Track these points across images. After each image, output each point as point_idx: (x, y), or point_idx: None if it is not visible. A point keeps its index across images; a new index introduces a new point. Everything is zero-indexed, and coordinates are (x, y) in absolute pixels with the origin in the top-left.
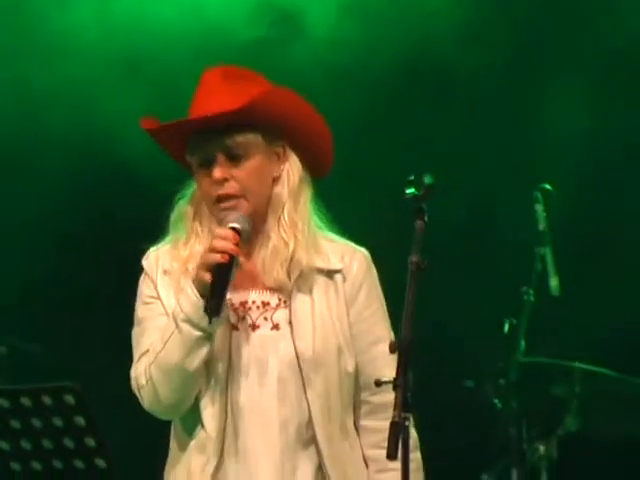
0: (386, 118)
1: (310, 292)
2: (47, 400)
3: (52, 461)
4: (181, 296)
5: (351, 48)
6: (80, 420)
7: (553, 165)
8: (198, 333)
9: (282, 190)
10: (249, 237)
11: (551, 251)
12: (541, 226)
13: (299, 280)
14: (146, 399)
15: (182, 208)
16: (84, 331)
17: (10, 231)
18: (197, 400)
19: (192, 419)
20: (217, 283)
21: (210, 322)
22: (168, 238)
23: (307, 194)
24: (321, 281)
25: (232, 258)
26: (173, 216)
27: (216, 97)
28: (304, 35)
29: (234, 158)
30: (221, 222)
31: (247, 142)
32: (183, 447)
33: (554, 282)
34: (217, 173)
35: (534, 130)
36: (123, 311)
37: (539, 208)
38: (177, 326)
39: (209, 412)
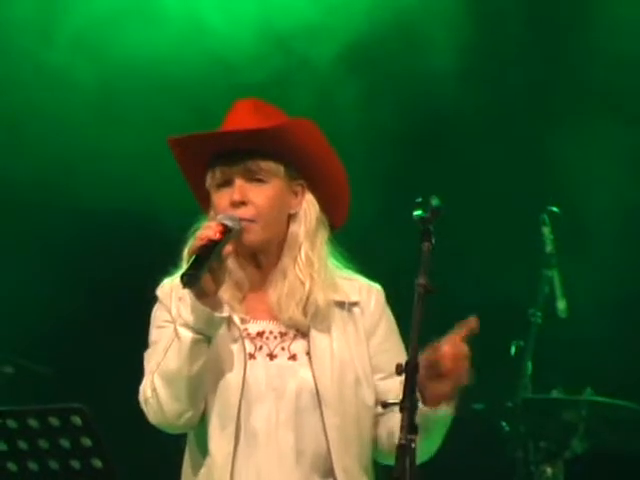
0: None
1: (328, 325)
2: (54, 421)
3: None
4: (180, 304)
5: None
6: (87, 441)
7: (560, 188)
8: (195, 336)
9: (299, 230)
10: (238, 236)
11: (558, 273)
12: (548, 248)
13: (317, 316)
14: (151, 411)
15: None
16: (92, 353)
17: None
18: (206, 428)
19: (201, 447)
20: (197, 260)
21: (186, 286)
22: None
23: (324, 235)
24: (339, 314)
25: (214, 244)
26: (186, 249)
27: (246, 121)
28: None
29: (254, 183)
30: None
31: (269, 169)
32: (192, 474)
33: (561, 304)
34: (236, 195)
35: (542, 153)
36: (131, 336)
37: (546, 230)
38: (176, 333)
39: (217, 438)
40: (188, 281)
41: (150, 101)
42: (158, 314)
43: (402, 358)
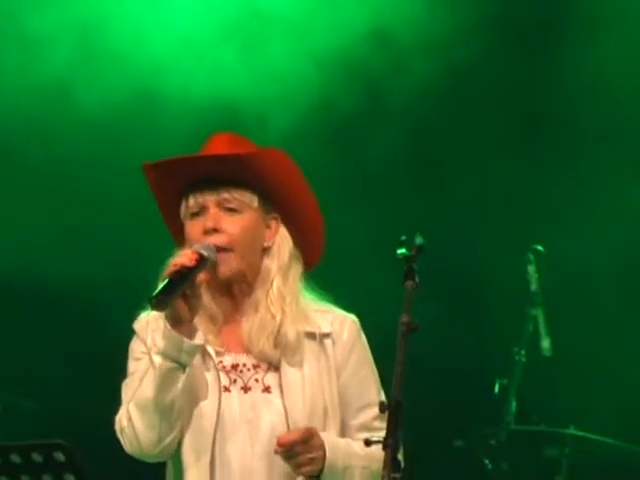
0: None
1: (300, 357)
2: (37, 457)
3: None
4: (155, 333)
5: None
6: (70, 477)
7: (545, 227)
8: (169, 364)
9: (272, 265)
10: (213, 267)
11: (543, 312)
12: (533, 287)
13: (287, 349)
14: (127, 441)
15: None
16: (78, 388)
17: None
18: (181, 459)
19: (178, 476)
20: (169, 284)
21: (154, 308)
22: None
23: (297, 270)
24: (310, 346)
25: (187, 270)
26: (161, 280)
27: (220, 150)
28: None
29: (228, 212)
30: None
31: (243, 199)
32: None
33: (546, 343)
34: (209, 222)
35: (526, 193)
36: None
37: (531, 269)
38: (151, 361)
39: (193, 470)
40: (157, 304)
41: None
42: (135, 347)
43: (374, 390)
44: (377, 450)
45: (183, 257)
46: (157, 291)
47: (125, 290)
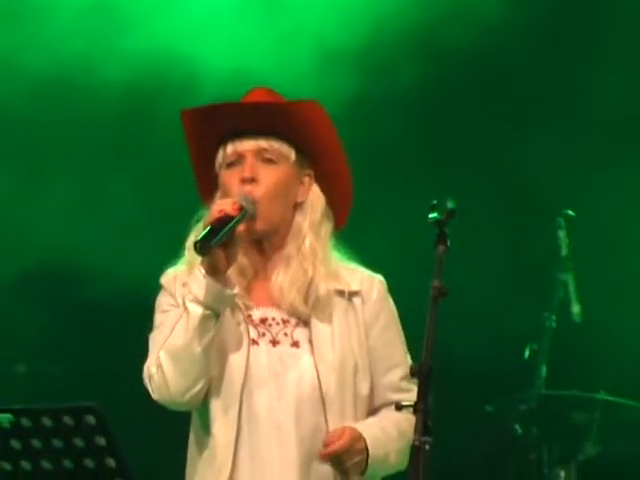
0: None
1: (329, 313)
2: (68, 420)
3: None
4: (191, 280)
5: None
6: (101, 440)
7: (576, 191)
8: (205, 311)
9: (304, 221)
10: (252, 219)
11: (573, 277)
12: (563, 252)
13: (317, 304)
14: (155, 387)
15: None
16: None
17: None
18: (209, 411)
19: (204, 431)
20: (211, 230)
21: (199, 253)
22: (183, 260)
23: (328, 228)
24: (340, 303)
25: (229, 218)
26: (189, 239)
27: (261, 100)
28: None
29: (265, 162)
30: None
31: (281, 150)
32: (197, 460)
33: (576, 308)
34: (247, 172)
35: (557, 154)
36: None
37: (561, 234)
38: (185, 308)
39: (220, 422)
40: (201, 248)
41: None
42: (162, 300)
43: (401, 351)
44: (408, 427)
45: (226, 205)
46: (201, 236)
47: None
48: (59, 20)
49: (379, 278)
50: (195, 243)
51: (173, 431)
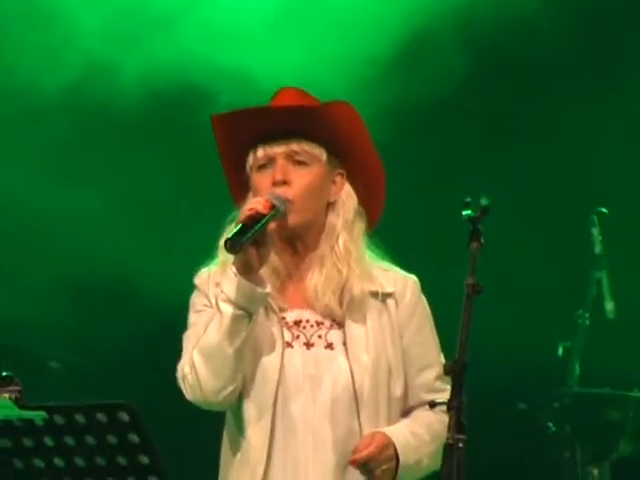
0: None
1: (363, 316)
2: (101, 417)
3: (105, 478)
4: (223, 279)
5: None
6: (134, 438)
7: (610, 188)
8: (237, 311)
9: (337, 221)
10: (283, 218)
11: (607, 274)
12: (597, 249)
13: (352, 304)
14: (189, 388)
15: None
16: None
17: None
18: (243, 413)
19: (238, 432)
20: (243, 228)
21: (229, 250)
22: (217, 260)
23: (361, 226)
24: (374, 305)
25: (261, 216)
26: (222, 239)
27: (290, 102)
28: None
29: (296, 164)
30: None
31: (312, 152)
32: (231, 461)
33: (610, 306)
34: (278, 174)
35: (591, 152)
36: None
37: (595, 231)
38: (218, 308)
39: (254, 424)
40: (232, 245)
41: None
42: (197, 300)
43: (435, 351)
44: (441, 429)
45: (257, 203)
46: (232, 233)
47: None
48: (87, 22)
49: (413, 278)
50: (226, 241)
51: (207, 430)
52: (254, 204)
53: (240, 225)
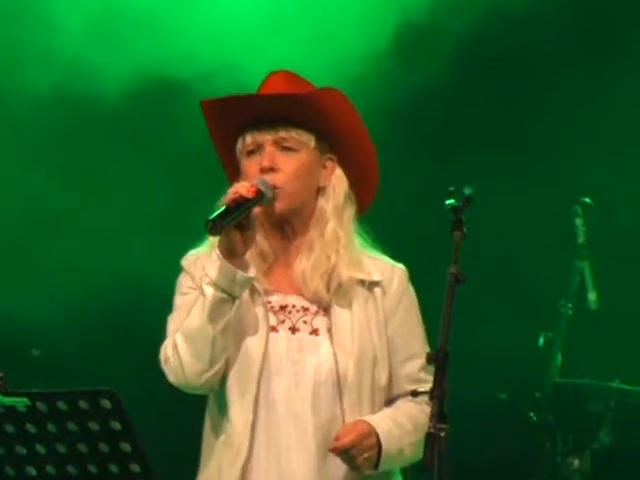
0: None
1: (349, 303)
2: (83, 404)
3: (87, 465)
4: (208, 263)
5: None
6: (116, 425)
7: (593, 178)
8: (220, 294)
9: (327, 205)
10: (269, 204)
11: (590, 265)
12: (580, 239)
13: (339, 291)
14: (171, 370)
15: None
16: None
17: None
18: (226, 396)
19: (221, 415)
20: (225, 210)
21: (209, 232)
22: (206, 243)
23: (351, 212)
24: (361, 293)
25: (245, 200)
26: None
27: (279, 89)
28: None
29: (284, 151)
30: None
31: (300, 139)
32: (213, 444)
33: (592, 296)
34: (265, 161)
35: (574, 142)
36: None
37: (578, 221)
38: (201, 291)
39: (237, 406)
40: (212, 227)
41: None
42: (183, 282)
43: (421, 340)
44: (424, 420)
45: (242, 187)
46: (213, 215)
47: None
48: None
49: (401, 267)
50: (206, 222)
51: (188, 414)
52: (239, 188)
53: (223, 207)
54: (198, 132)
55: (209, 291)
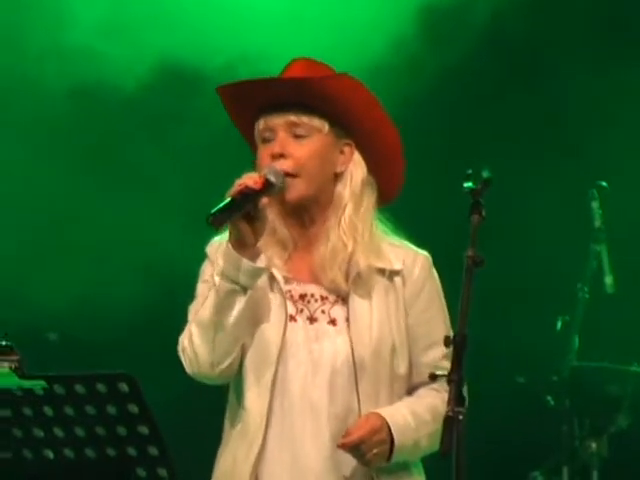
0: (443, 113)
1: (369, 292)
2: (101, 388)
3: (105, 448)
4: (220, 254)
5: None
6: (134, 408)
7: (610, 162)
8: (229, 285)
9: (344, 191)
10: (280, 193)
11: (606, 248)
12: (597, 223)
13: (358, 280)
14: (187, 361)
15: None
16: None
17: None
18: (243, 386)
19: (238, 404)
20: (230, 203)
21: (210, 226)
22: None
23: (370, 198)
24: (381, 282)
25: (251, 192)
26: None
27: (296, 74)
28: None
29: (296, 137)
30: None
31: (311, 124)
32: (230, 432)
33: (609, 280)
34: (276, 148)
35: (590, 126)
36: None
37: (595, 205)
38: (214, 282)
39: (253, 395)
40: (213, 220)
41: None
42: (205, 269)
43: (443, 328)
44: (444, 407)
45: (249, 179)
46: (216, 208)
47: None
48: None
49: (423, 254)
50: (207, 215)
51: (209, 402)
52: (246, 179)
53: (228, 199)
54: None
55: (220, 282)
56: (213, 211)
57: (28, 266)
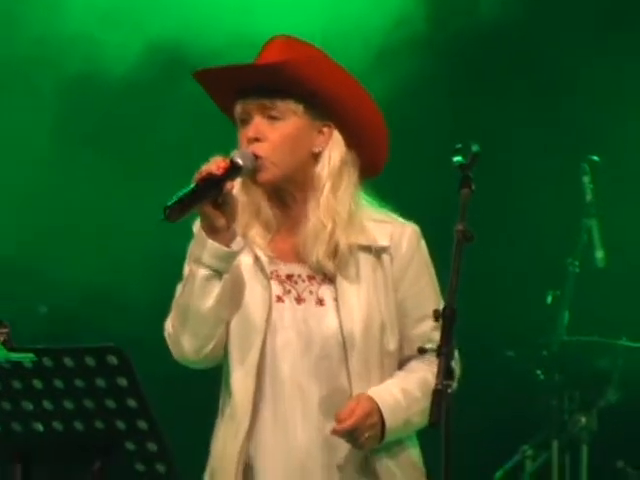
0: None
1: (356, 271)
2: (90, 361)
3: (94, 421)
4: (194, 238)
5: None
6: (123, 381)
7: (601, 136)
8: (204, 271)
9: (322, 171)
10: (252, 176)
11: (597, 223)
12: (588, 197)
13: (343, 259)
14: (172, 346)
15: None
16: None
17: None
18: (230, 368)
19: (226, 388)
20: (191, 192)
21: (165, 219)
22: None
23: (351, 177)
24: (367, 260)
25: (214, 178)
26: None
27: (272, 57)
28: None
29: (270, 119)
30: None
31: (286, 107)
32: (222, 415)
33: (600, 254)
34: (250, 131)
35: (581, 100)
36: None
37: (586, 179)
38: (189, 268)
39: (240, 379)
40: (169, 214)
41: None
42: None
43: (433, 300)
44: (433, 379)
45: (212, 165)
46: (174, 200)
47: None
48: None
49: (412, 227)
50: (164, 208)
51: (205, 381)
52: (208, 166)
53: (189, 188)
54: None
55: (194, 268)
56: (169, 204)
57: (45, 250)
